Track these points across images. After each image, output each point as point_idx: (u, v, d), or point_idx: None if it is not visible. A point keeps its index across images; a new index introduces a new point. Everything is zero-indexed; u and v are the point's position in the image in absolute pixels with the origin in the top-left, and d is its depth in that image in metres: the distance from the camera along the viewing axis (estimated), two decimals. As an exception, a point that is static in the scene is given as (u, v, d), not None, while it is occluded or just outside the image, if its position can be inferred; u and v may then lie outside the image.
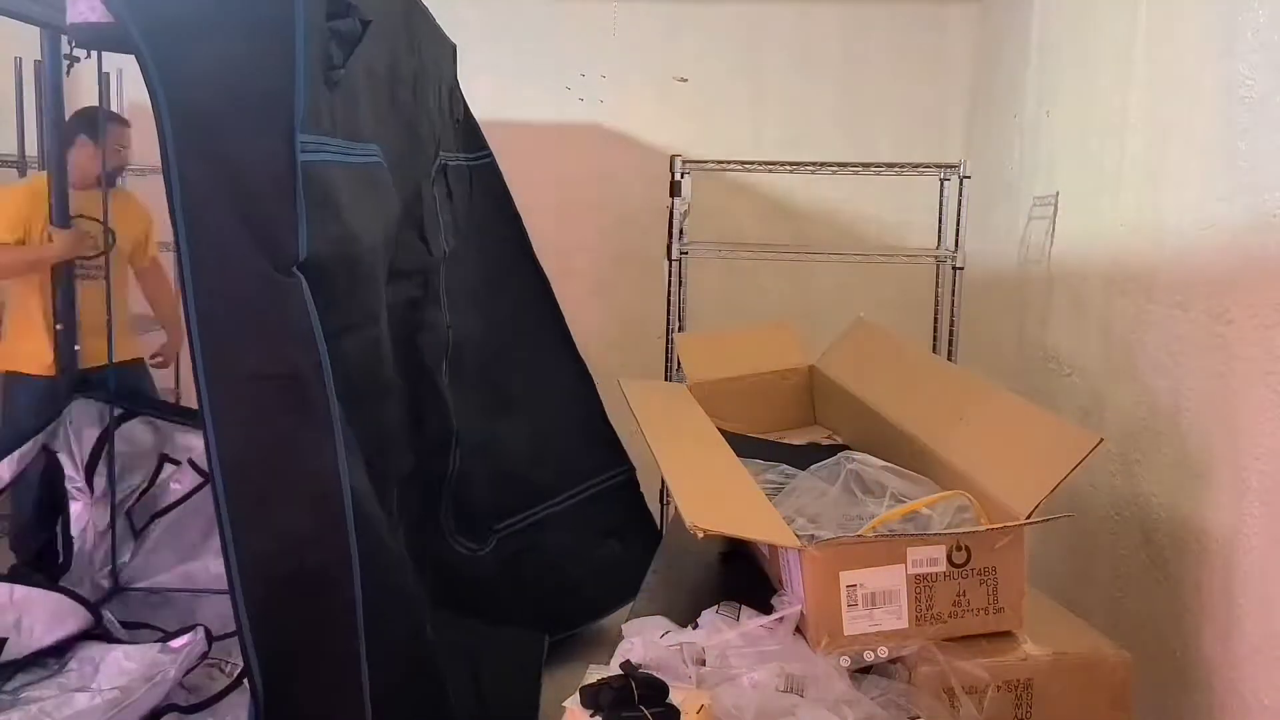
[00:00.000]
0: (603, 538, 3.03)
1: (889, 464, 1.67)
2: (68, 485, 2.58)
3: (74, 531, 2.58)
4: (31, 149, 3.23)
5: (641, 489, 3.12)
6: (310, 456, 1.58)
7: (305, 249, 1.56)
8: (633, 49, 3.91)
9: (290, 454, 1.58)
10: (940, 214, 3.07)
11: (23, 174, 3.24)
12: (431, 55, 2.60)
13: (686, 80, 3.92)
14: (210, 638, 2.19)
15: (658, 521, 3.14)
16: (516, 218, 3.10)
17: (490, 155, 3.10)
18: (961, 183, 2.93)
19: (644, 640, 1.37)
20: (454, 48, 2.98)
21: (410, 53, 2.33)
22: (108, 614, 2.39)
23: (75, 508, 2.59)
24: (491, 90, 3.71)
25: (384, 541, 1.75)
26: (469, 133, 3.02)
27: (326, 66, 1.67)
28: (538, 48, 3.94)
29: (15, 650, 2.20)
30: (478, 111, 3.09)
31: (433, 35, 2.67)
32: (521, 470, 2.92)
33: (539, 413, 3.01)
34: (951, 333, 2.97)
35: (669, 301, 3.05)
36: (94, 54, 2.48)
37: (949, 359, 2.91)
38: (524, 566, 2.81)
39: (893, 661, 1.34)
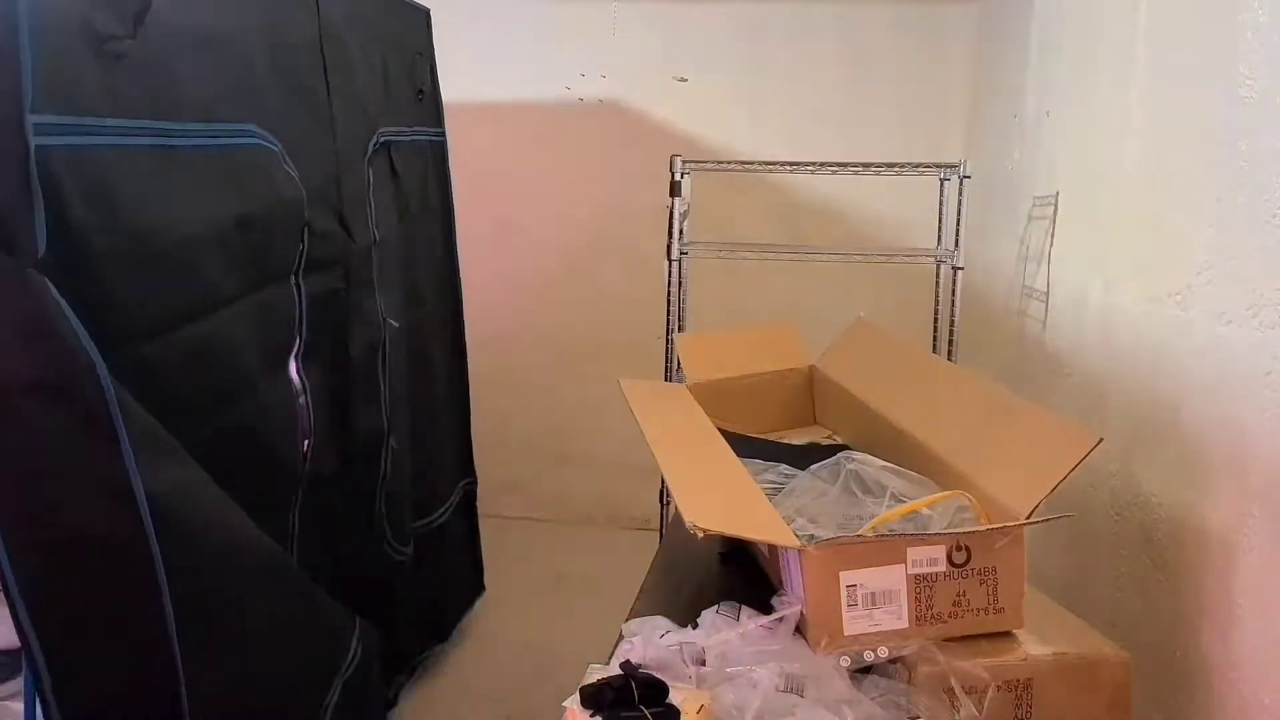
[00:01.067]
0: (457, 550, 3.16)
1: (889, 464, 1.67)
2: None
3: None
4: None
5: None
6: (93, 464, 1.43)
7: (42, 244, 1.35)
8: (633, 49, 3.92)
9: (67, 465, 1.42)
10: (941, 214, 3.08)
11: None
12: (373, 21, 2.48)
13: (686, 80, 3.93)
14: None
15: (659, 522, 3.16)
16: (451, 202, 3.12)
17: (444, 134, 3.06)
18: (962, 183, 2.93)
19: (644, 640, 1.37)
20: (426, 12, 2.93)
21: (308, 15, 2.15)
22: None
23: None
24: (491, 90, 3.72)
25: (205, 546, 1.64)
26: (434, 106, 2.97)
27: (98, 38, 1.46)
28: (538, 48, 3.94)
29: None
30: (477, 110, 3.08)
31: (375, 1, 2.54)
32: (434, 468, 2.93)
33: (446, 409, 3.07)
34: (952, 333, 2.97)
35: (669, 301, 3.06)
36: None
37: (949, 359, 2.91)
38: (423, 570, 2.79)
39: (893, 661, 1.34)
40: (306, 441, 2.12)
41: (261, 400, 1.93)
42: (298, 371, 2.08)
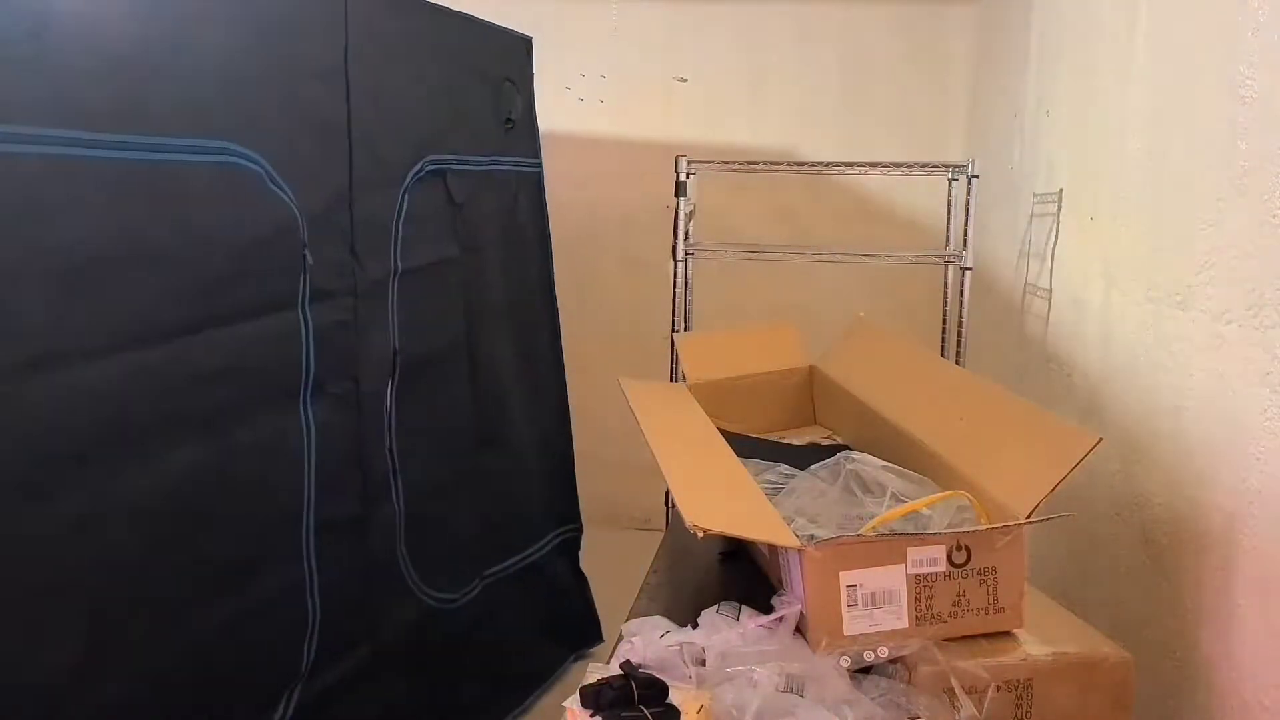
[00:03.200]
0: (552, 599, 2.95)
1: (889, 464, 1.67)
2: None
3: None
4: None
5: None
6: None
7: None
8: (633, 49, 3.92)
9: None
10: (949, 214, 3.07)
11: None
12: (441, 44, 2.43)
13: (686, 80, 3.93)
14: None
15: (662, 522, 3.15)
16: (547, 233, 2.97)
17: (539, 166, 2.94)
18: (970, 182, 2.92)
19: (644, 640, 1.37)
20: (527, 41, 2.85)
21: (332, 39, 2.06)
22: None
23: None
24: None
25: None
26: (529, 135, 2.86)
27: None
28: (538, 48, 3.94)
29: None
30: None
31: (437, 22, 2.45)
32: (510, 507, 2.76)
33: (531, 447, 2.90)
34: (960, 334, 2.96)
35: (674, 302, 3.05)
36: None
37: (957, 360, 2.91)
38: (500, 621, 2.63)
39: (893, 661, 1.34)
40: (311, 483, 2.01)
41: (242, 438, 1.82)
42: (304, 408, 1.98)
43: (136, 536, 1.62)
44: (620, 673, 1.26)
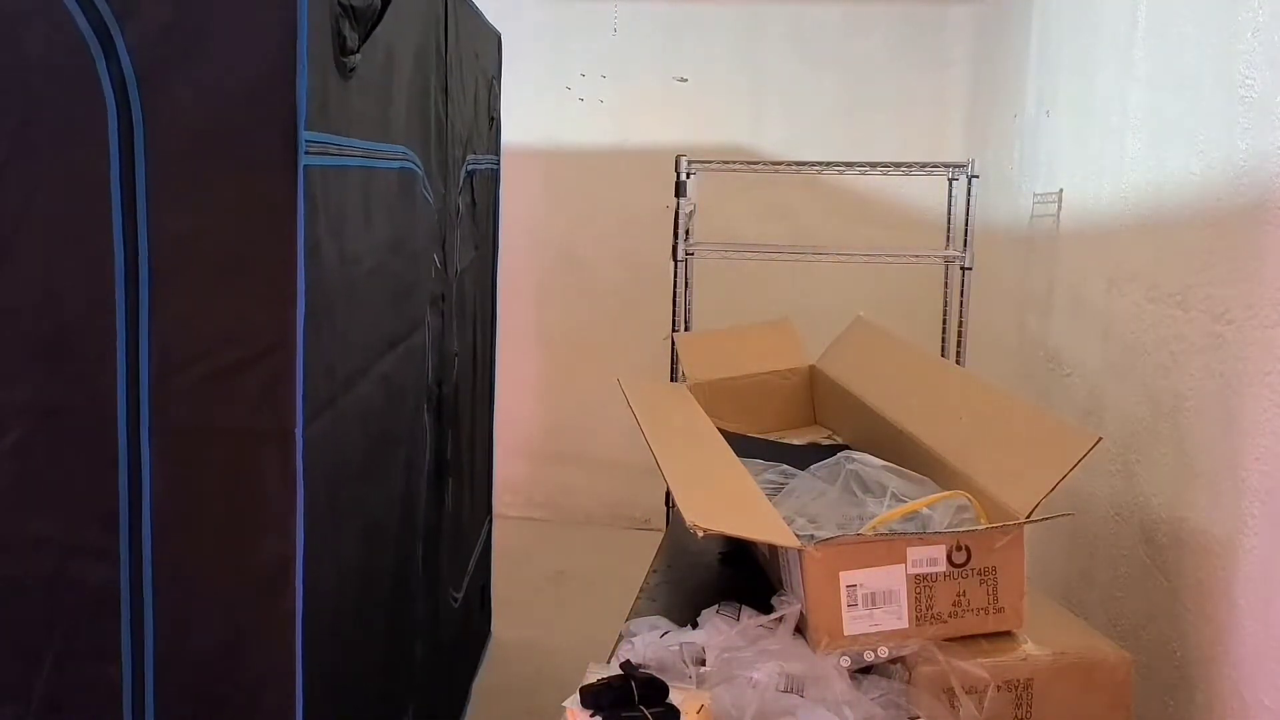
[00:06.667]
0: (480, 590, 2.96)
1: (889, 464, 1.67)
2: None
3: None
4: None
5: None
6: None
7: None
8: (633, 49, 3.92)
9: None
10: (949, 214, 3.07)
11: None
12: (469, 43, 2.36)
13: (686, 80, 3.93)
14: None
15: (663, 522, 3.15)
16: (498, 233, 3.05)
17: (499, 162, 3.00)
18: (970, 182, 2.92)
19: (644, 640, 1.37)
20: (498, 36, 2.85)
21: (442, 39, 2.03)
22: None
23: None
24: (491, 90, 3.72)
25: None
26: (496, 133, 2.89)
27: (339, 51, 1.35)
28: (538, 48, 3.94)
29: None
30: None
31: (472, 20, 2.39)
32: (473, 504, 2.80)
33: (483, 444, 2.97)
34: (960, 334, 2.96)
35: (674, 302, 3.05)
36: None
37: (957, 360, 2.91)
38: (469, 620, 2.65)
39: (893, 661, 1.34)
40: (423, 483, 2.06)
41: (411, 450, 1.88)
42: (426, 415, 2.00)
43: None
44: (620, 673, 1.26)
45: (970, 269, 2.93)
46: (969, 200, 2.92)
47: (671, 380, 2.94)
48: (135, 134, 1.22)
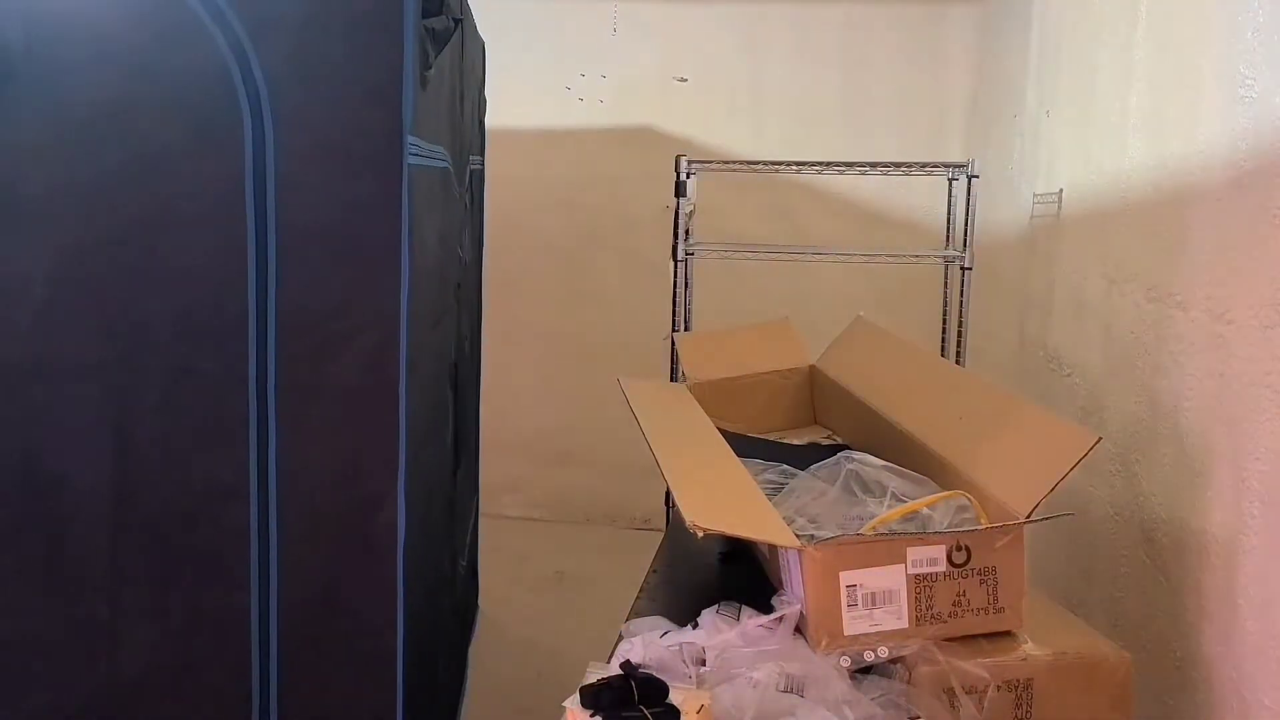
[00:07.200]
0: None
1: (889, 464, 1.67)
2: None
3: None
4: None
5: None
6: None
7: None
8: (633, 49, 3.91)
9: None
10: (949, 214, 3.07)
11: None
12: (471, 53, 2.49)
13: (686, 80, 3.93)
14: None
15: (663, 522, 3.15)
16: (483, 232, 3.13)
17: (484, 162, 3.10)
18: (970, 182, 2.92)
19: (644, 640, 1.37)
20: (483, 44, 2.92)
21: (459, 48, 2.19)
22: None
23: None
24: (490, 90, 3.72)
25: None
26: (481, 135, 2.99)
27: (424, 66, 1.57)
28: (538, 48, 3.94)
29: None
30: (476, 111, 3.10)
31: (472, 29, 2.53)
32: (467, 483, 2.92)
33: (474, 428, 3.09)
34: (960, 334, 2.96)
35: (674, 302, 3.05)
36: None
37: (957, 360, 2.91)
38: (468, 588, 2.80)
39: (893, 661, 1.34)
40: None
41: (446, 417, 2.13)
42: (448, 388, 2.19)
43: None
44: (620, 673, 1.26)
45: (970, 269, 2.93)
46: (969, 200, 2.92)
47: (671, 380, 2.94)
48: (266, 138, 1.46)
